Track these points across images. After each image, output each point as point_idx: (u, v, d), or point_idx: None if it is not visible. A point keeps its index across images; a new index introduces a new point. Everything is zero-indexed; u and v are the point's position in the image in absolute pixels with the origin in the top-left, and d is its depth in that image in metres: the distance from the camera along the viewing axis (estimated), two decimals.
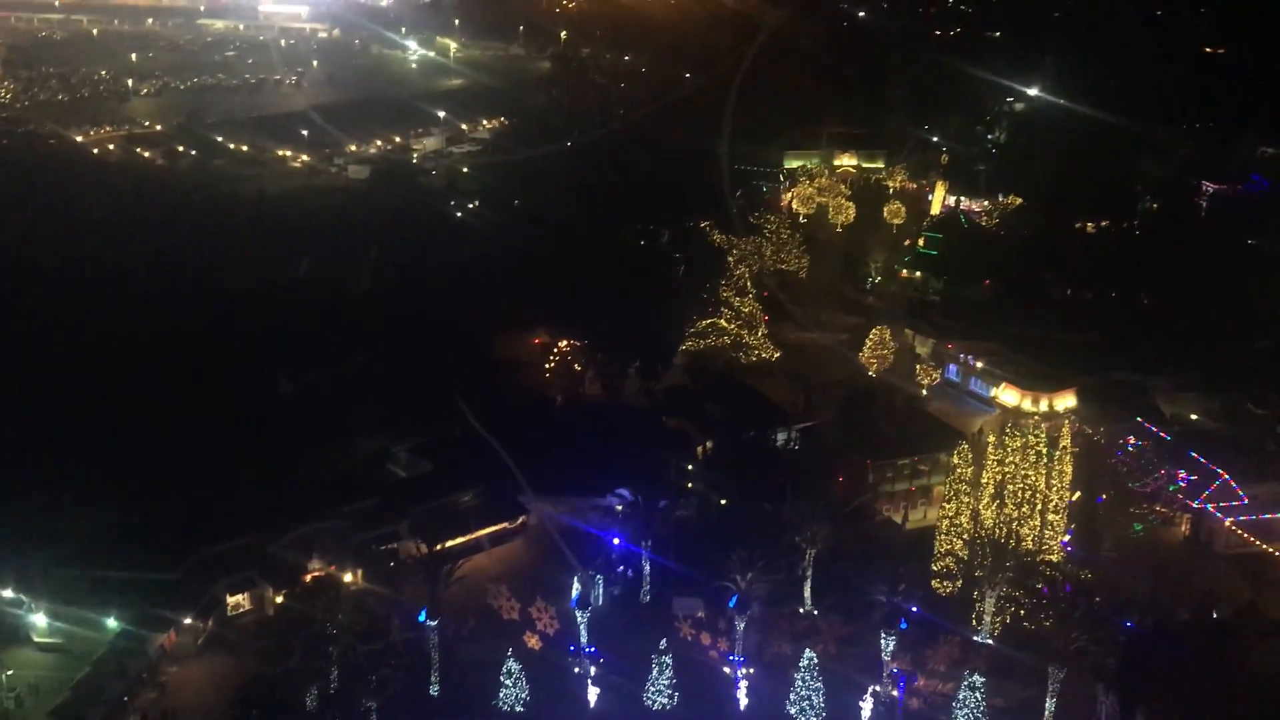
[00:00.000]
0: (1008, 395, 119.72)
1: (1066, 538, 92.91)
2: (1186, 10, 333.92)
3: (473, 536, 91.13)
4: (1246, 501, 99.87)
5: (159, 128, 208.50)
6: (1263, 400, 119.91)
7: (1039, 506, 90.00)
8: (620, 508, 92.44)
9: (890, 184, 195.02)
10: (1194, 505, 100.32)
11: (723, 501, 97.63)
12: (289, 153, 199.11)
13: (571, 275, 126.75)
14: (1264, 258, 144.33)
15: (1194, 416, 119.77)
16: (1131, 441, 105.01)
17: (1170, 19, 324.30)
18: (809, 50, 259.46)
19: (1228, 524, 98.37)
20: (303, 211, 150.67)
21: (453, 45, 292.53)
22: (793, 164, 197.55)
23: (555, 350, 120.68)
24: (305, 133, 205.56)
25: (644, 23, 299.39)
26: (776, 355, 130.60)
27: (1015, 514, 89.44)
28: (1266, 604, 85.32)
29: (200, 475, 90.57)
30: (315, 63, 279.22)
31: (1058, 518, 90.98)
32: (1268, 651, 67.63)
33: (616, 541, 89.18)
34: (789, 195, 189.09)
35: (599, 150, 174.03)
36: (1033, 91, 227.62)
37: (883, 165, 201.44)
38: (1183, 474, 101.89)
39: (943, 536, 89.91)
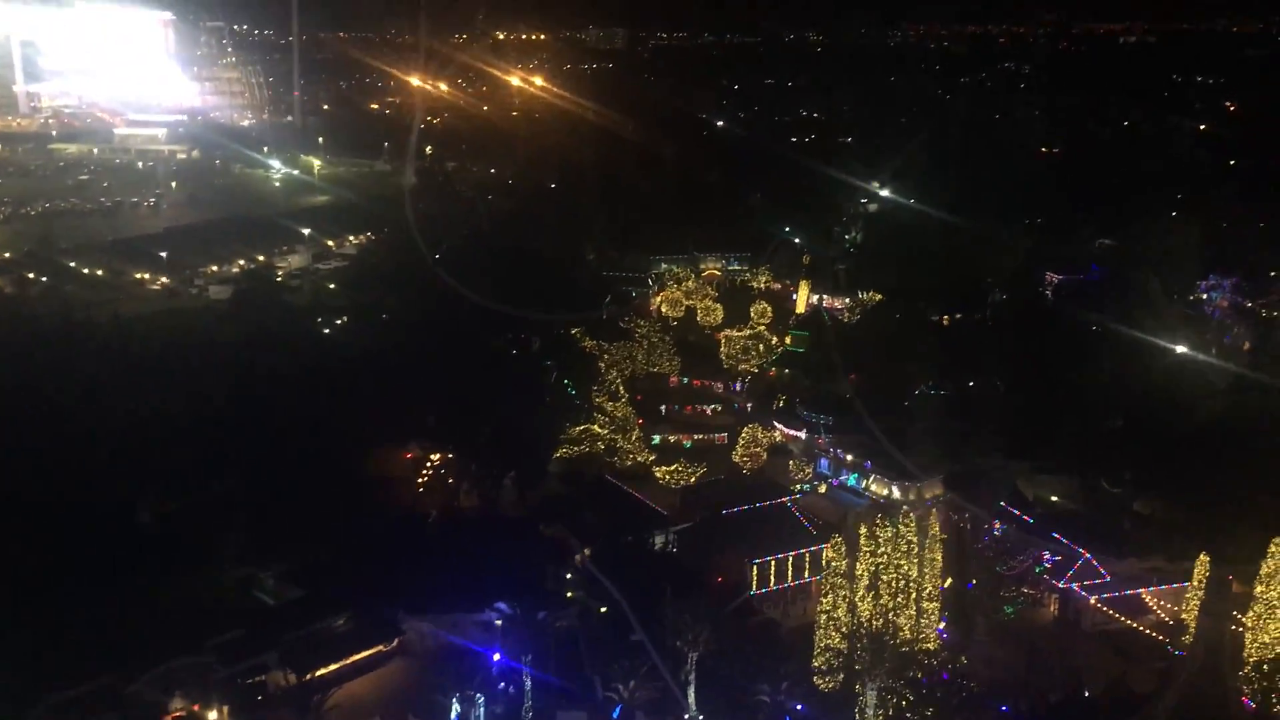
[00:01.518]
0: (878, 486, 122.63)
1: (941, 625, 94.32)
2: (1023, 116, 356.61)
3: (346, 663, 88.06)
4: (1109, 579, 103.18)
5: (7, 255, 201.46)
6: (1116, 479, 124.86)
7: (913, 595, 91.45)
8: (499, 621, 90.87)
9: (755, 285, 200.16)
10: (1060, 585, 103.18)
11: (603, 609, 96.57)
12: (147, 276, 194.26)
13: (443, 387, 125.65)
14: (1107, 342, 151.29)
15: (1054, 498, 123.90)
16: (997, 526, 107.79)
17: (1009, 124, 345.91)
18: (671, 160, 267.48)
19: (1093, 602, 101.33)
20: (161, 335, 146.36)
21: (316, 163, 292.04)
22: (660, 269, 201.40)
23: (428, 464, 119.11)
24: (164, 255, 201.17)
25: (508, 136, 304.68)
26: (652, 459, 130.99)
27: (891, 604, 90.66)
28: (1133, 679, 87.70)
29: (52, 615, 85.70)
30: (174, 184, 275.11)
31: (932, 605, 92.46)
32: None
33: (497, 657, 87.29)
34: (658, 299, 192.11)
35: (467, 261, 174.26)
36: (884, 193, 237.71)
37: (747, 267, 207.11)
38: (1048, 555, 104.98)
39: (822, 631, 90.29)
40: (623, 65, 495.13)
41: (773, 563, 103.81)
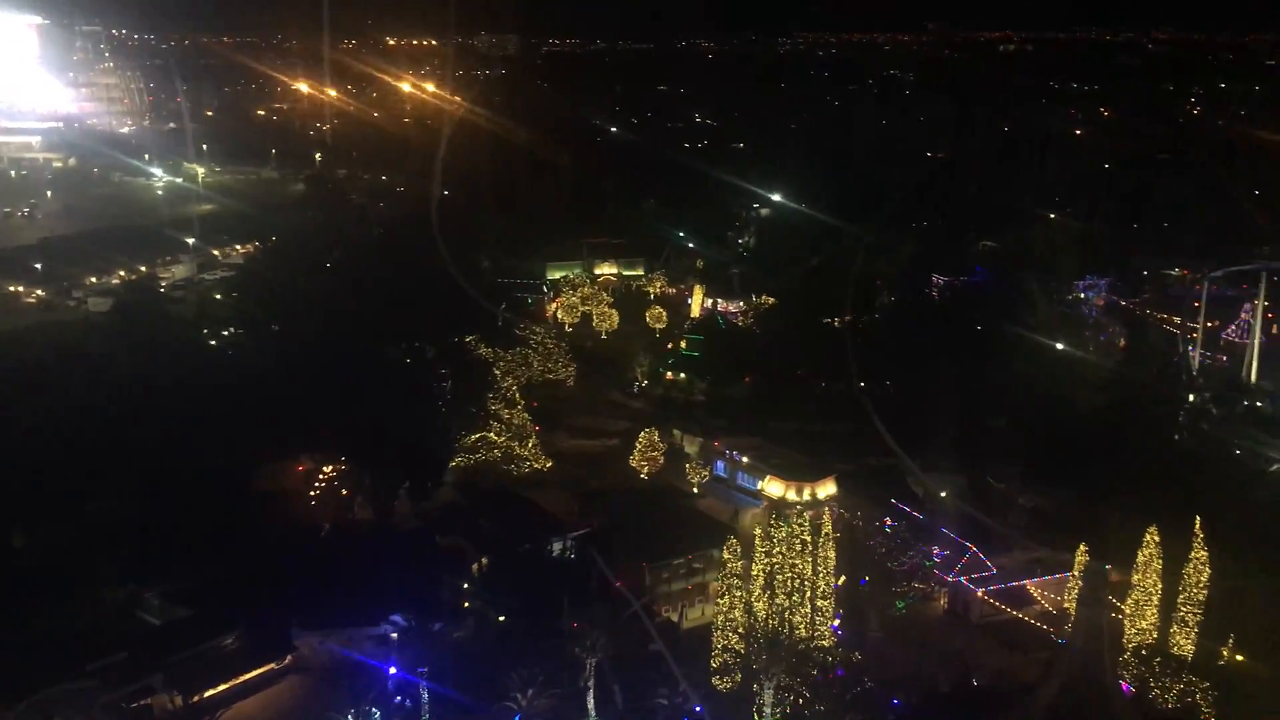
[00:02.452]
0: (773, 487, 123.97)
1: (836, 622, 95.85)
2: (909, 122, 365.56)
3: (236, 682, 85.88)
4: (995, 571, 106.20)
5: None
6: (1001, 475, 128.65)
7: (808, 594, 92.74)
8: (395, 635, 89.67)
9: (651, 290, 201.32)
10: (949, 579, 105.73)
11: (501, 618, 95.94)
12: (21, 288, 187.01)
13: (335, 398, 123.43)
14: (990, 342, 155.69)
15: (943, 494, 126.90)
16: (888, 523, 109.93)
17: (895, 130, 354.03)
18: (566, 166, 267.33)
19: (980, 594, 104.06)
20: (36, 349, 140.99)
21: (201, 170, 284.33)
22: (555, 275, 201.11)
23: (320, 477, 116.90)
24: (39, 266, 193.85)
25: (399, 143, 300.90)
26: (549, 465, 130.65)
27: (786, 603, 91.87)
28: (1020, 668, 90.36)
29: None
30: (49, 193, 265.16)
31: (826, 603, 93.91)
32: (1021, 713, 71.33)
33: (393, 671, 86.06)
34: (553, 305, 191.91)
35: (359, 270, 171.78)
36: (776, 198, 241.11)
37: (642, 272, 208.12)
38: (937, 550, 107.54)
39: (719, 632, 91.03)
40: (516, 72, 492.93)
41: (670, 566, 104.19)
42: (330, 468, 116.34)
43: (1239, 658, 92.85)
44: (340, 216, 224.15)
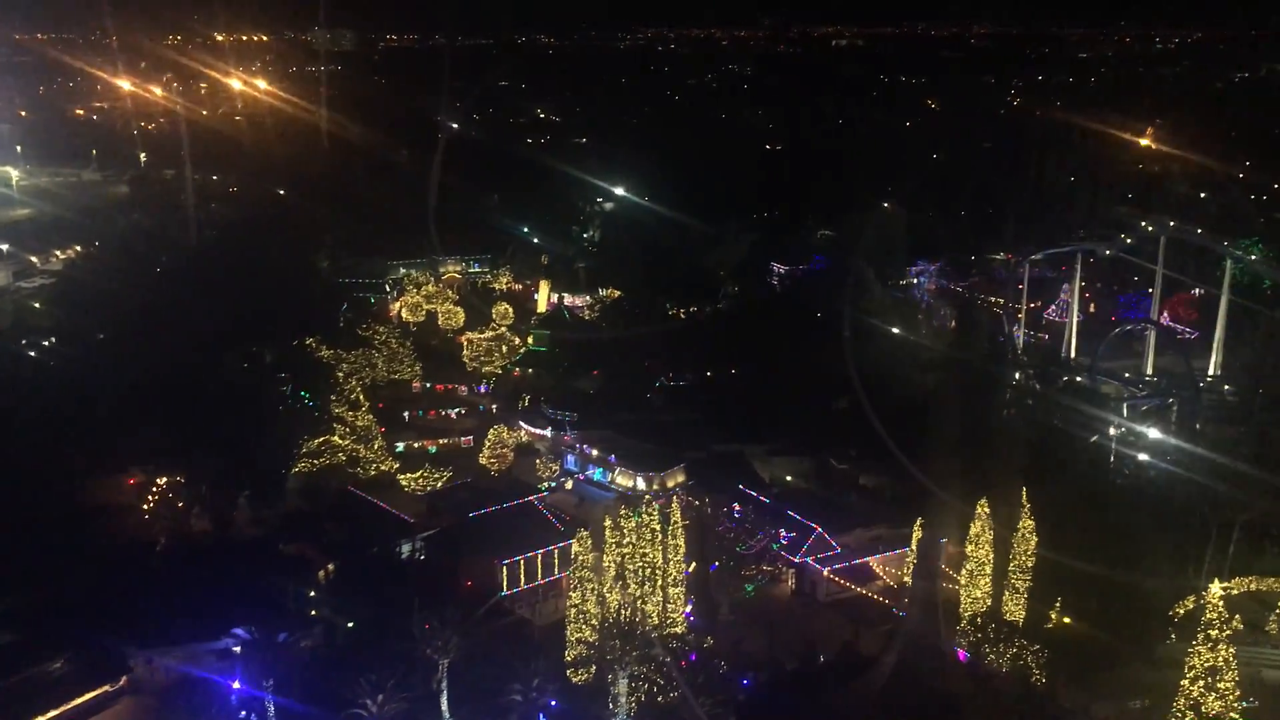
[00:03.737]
0: (623, 478, 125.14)
1: (688, 609, 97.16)
2: (748, 115, 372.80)
3: (67, 707, 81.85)
4: (840, 551, 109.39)
5: None
6: (843, 457, 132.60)
7: (659, 582, 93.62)
8: (238, 648, 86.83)
9: (496, 286, 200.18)
10: (796, 560, 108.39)
11: (350, 625, 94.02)
12: None
13: (166, 407, 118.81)
14: (830, 327, 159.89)
15: (789, 478, 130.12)
16: (736, 508, 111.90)
17: (734, 123, 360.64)
18: (406, 163, 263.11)
19: (826, 573, 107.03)
20: None
21: (14, 173, 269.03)
22: (399, 274, 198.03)
23: (154, 489, 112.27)
24: None
25: (231, 142, 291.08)
26: (396, 466, 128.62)
27: (638, 593, 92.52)
28: (864, 642, 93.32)
29: None
30: None
31: (678, 590, 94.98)
32: (863, 686, 73.84)
33: (236, 685, 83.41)
34: (397, 305, 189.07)
35: (190, 274, 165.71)
36: (620, 192, 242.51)
37: (488, 269, 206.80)
38: (783, 532, 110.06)
39: (573, 626, 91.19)
40: (352, 68, 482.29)
41: (522, 562, 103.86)
42: (164, 479, 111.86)
43: (1065, 620, 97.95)
44: (168, 219, 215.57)
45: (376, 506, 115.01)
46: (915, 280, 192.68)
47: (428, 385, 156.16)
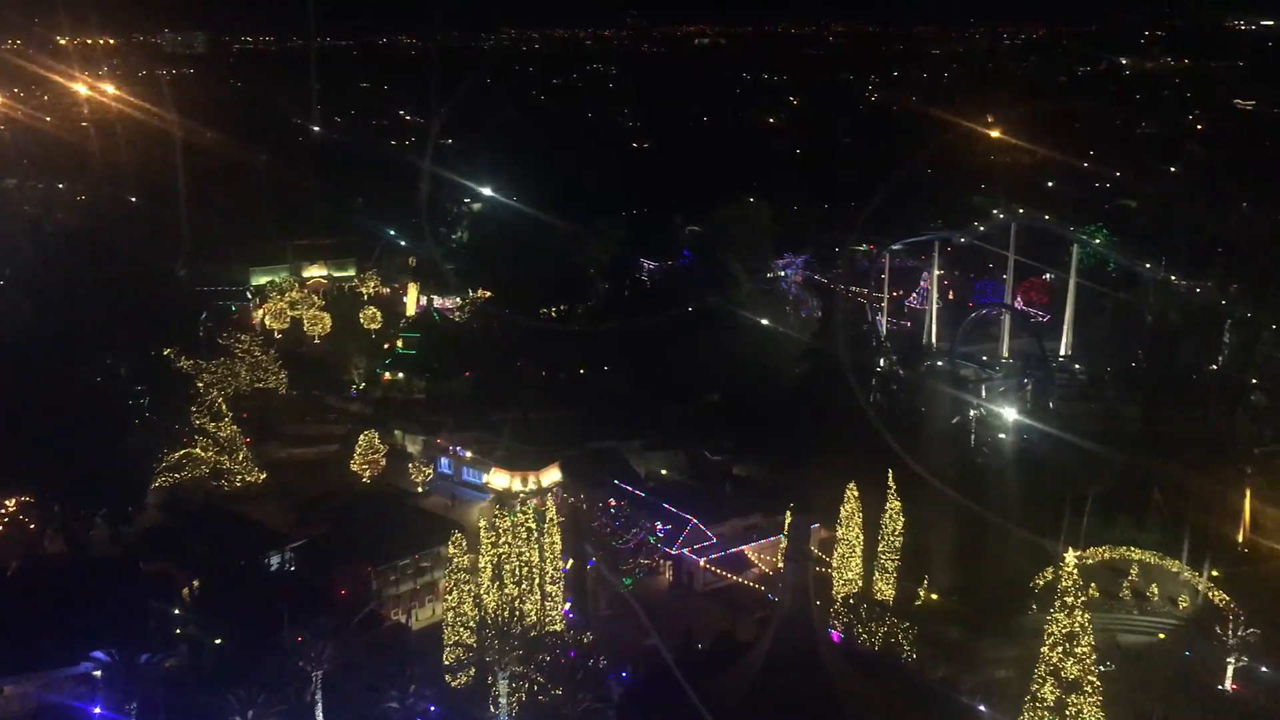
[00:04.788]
0: (498, 479, 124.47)
1: (566, 606, 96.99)
2: (614, 113, 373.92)
3: None
4: (715, 541, 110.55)
5: None
6: (717, 448, 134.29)
7: (537, 581, 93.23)
8: (98, 672, 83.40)
9: (364, 290, 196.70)
10: (673, 552, 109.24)
11: (218, 641, 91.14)
12: None
13: (10, 426, 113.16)
14: (700, 321, 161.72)
15: (664, 471, 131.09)
16: (612, 504, 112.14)
17: (600, 122, 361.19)
18: (265, 167, 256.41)
19: (703, 564, 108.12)
20: None
21: None
22: (260, 280, 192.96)
23: (2, 511, 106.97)
24: None
25: (77, 149, 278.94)
26: (263, 477, 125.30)
27: (516, 592, 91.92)
28: (740, 629, 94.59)
29: None
30: None
31: (555, 588, 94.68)
32: (739, 671, 74.82)
33: (98, 710, 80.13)
34: (260, 312, 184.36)
35: (35, 287, 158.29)
36: (487, 192, 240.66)
37: (354, 273, 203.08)
38: (660, 525, 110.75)
39: (450, 629, 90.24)
40: (205, 71, 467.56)
41: (397, 567, 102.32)
42: (13, 501, 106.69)
43: (933, 597, 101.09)
44: (9, 229, 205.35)
45: (243, 518, 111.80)
46: (782, 273, 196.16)
47: (294, 393, 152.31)
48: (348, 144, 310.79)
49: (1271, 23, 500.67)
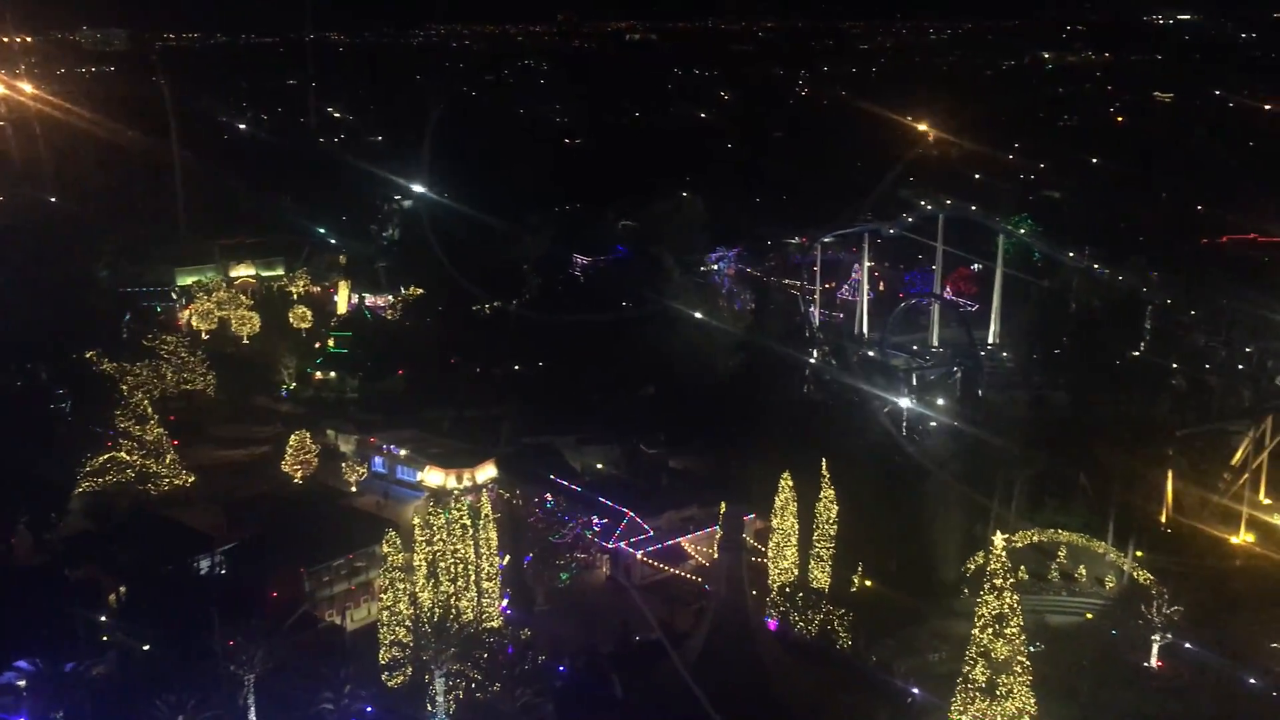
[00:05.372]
0: (433, 476, 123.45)
1: (504, 602, 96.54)
2: (546, 109, 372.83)
3: None
4: (652, 534, 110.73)
5: None
6: (653, 441, 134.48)
7: (473, 578, 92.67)
8: (22, 683, 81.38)
9: (293, 289, 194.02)
10: (609, 546, 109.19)
11: (146, 647, 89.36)
12: None
13: None
14: (634, 316, 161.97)
15: (600, 466, 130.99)
16: (548, 499, 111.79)
17: (532, 118, 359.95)
18: (190, 166, 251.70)
19: (640, 556, 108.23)
20: None
21: None
22: (186, 280, 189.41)
23: None
24: None
25: None
26: (192, 480, 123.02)
27: (452, 590, 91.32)
28: (677, 620, 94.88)
29: None
30: None
31: (492, 584, 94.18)
32: (676, 662, 75.02)
33: None
34: (187, 312, 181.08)
35: None
36: (418, 189, 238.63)
37: (283, 272, 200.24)
38: (596, 519, 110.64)
39: (385, 628, 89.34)
40: (127, 68, 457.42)
41: (330, 568, 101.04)
42: None
43: (867, 583, 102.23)
44: None
45: (171, 522, 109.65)
46: (715, 266, 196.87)
47: (223, 394, 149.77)
48: (275, 142, 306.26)
49: (1189, 16, 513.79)
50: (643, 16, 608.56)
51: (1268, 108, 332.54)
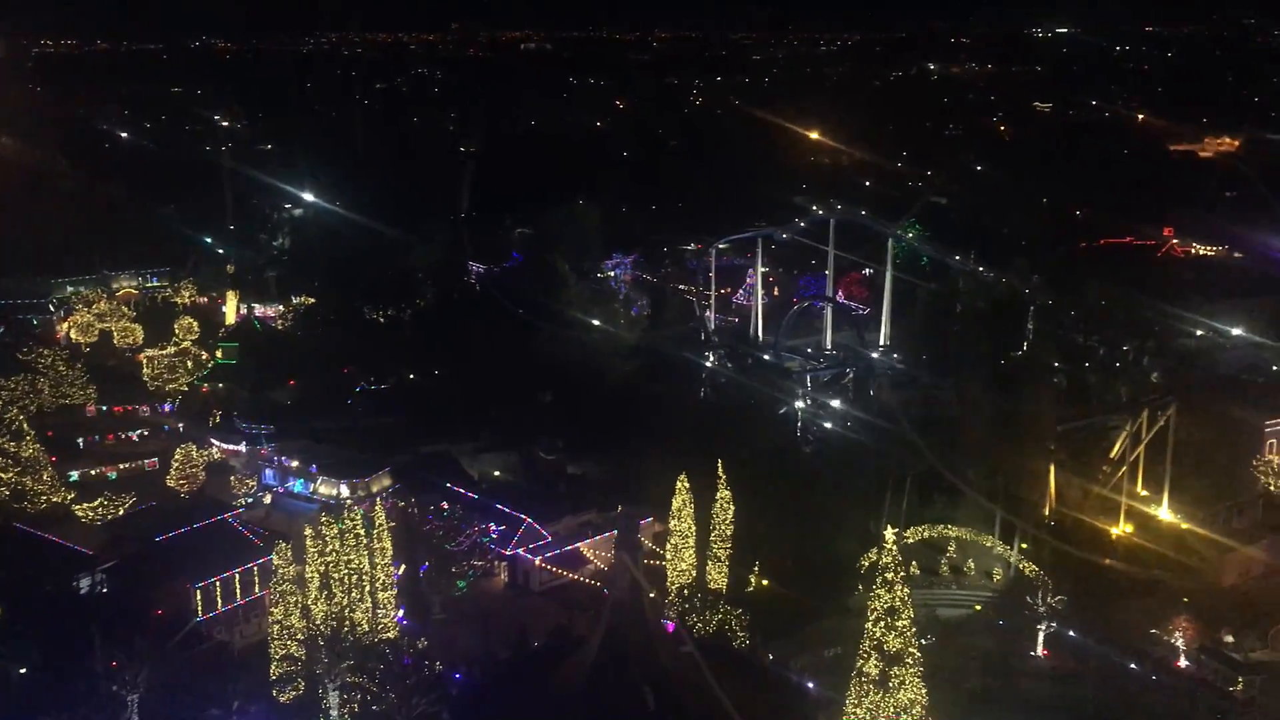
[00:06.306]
0: (326, 487, 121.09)
1: (399, 612, 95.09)
2: (440, 118, 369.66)
3: None
4: (550, 539, 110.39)
5: None
6: (551, 448, 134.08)
7: (367, 589, 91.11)
8: None
9: (179, 300, 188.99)
10: (507, 552, 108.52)
11: (23, 671, 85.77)
12: None
13: None
14: (531, 323, 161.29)
15: (497, 473, 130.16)
16: (444, 507, 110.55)
17: (426, 128, 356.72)
18: (68, 175, 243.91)
19: (538, 562, 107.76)
20: None
21: None
22: (65, 292, 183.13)
23: None
24: None
25: None
26: (71, 497, 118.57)
27: (346, 601, 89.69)
28: (576, 624, 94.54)
29: None
30: None
31: (387, 595, 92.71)
32: (573, 666, 74.85)
33: None
34: (65, 325, 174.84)
35: None
36: (309, 197, 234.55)
37: (167, 283, 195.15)
38: (493, 526, 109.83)
39: (276, 642, 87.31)
40: (2, 75, 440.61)
41: (219, 583, 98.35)
42: None
43: (764, 583, 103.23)
44: None
45: (48, 541, 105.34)
46: (611, 273, 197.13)
47: (104, 408, 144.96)
48: (160, 150, 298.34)
49: (1067, 30, 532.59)
50: (538, 26, 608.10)
51: (1140, 117, 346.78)
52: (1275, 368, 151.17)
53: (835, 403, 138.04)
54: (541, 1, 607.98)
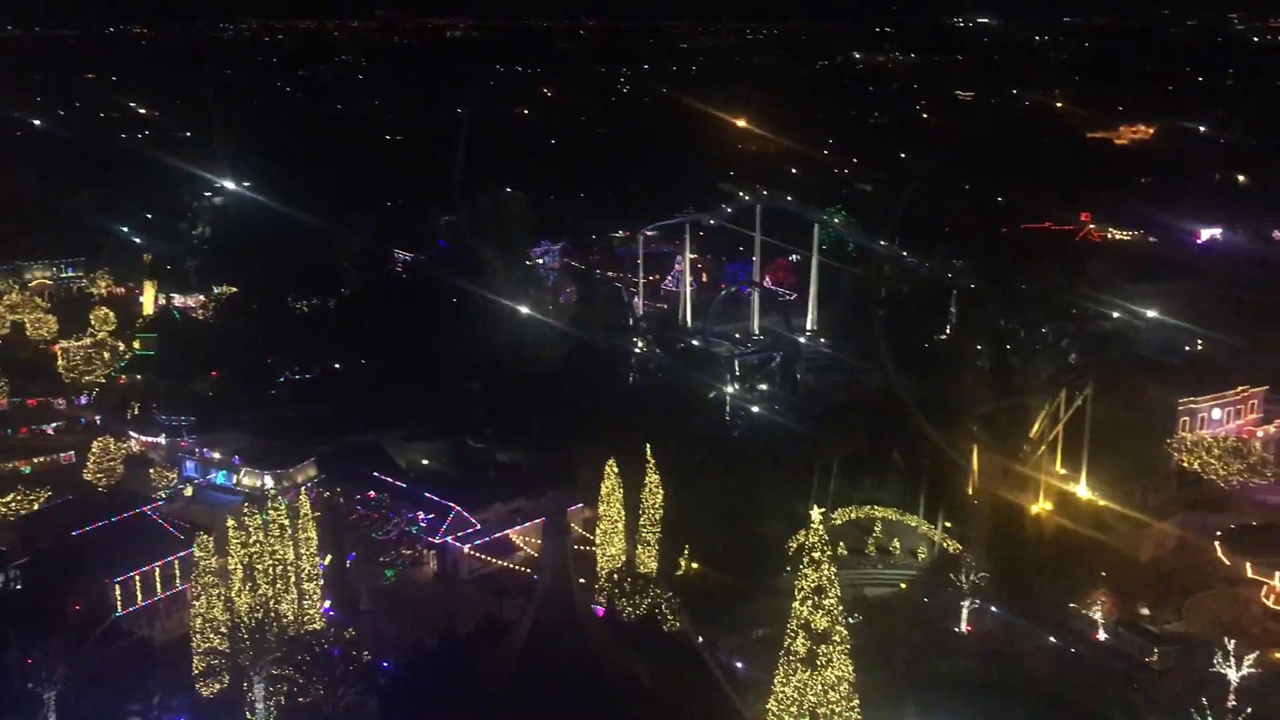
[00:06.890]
0: (249, 479, 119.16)
1: (326, 603, 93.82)
2: (364, 106, 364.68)
3: None
4: (480, 527, 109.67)
5: None
6: (479, 435, 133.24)
7: (293, 579, 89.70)
8: None
9: (94, 291, 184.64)
10: (436, 541, 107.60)
11: None
12: None
13: None
14: (458, 311, 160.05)
15: (425, 462, 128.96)
16: (371, 496, 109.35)
17: (350, 115, 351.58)
18: None
19: (468, 550, 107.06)
20: None
21: None
22: None
23: None
24: None
25: None
26: None
27: (271, 593, 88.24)
28: (506, 611, 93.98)
29: None
30: None
31: (313, 585, 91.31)
32: (502, 652, 74.40)
33: None
34: None
35: None
36: (230, 186, 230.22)
37: (83, 273, 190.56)
38: (421, 515, 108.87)
39: (199, 635, 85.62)
40: None
41: (138, 578, 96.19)
42: None
43: (694, 566, 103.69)
44: None
45: None
46: (539, 260, 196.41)
47: (17, 400, 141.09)
48: (73, 138, 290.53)
49: (988, 20, 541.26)
50: (464, 13, 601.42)
51: (1059, 105, 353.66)
52: (1188, 349, 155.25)
53: (763, 387, 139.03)
54: None
